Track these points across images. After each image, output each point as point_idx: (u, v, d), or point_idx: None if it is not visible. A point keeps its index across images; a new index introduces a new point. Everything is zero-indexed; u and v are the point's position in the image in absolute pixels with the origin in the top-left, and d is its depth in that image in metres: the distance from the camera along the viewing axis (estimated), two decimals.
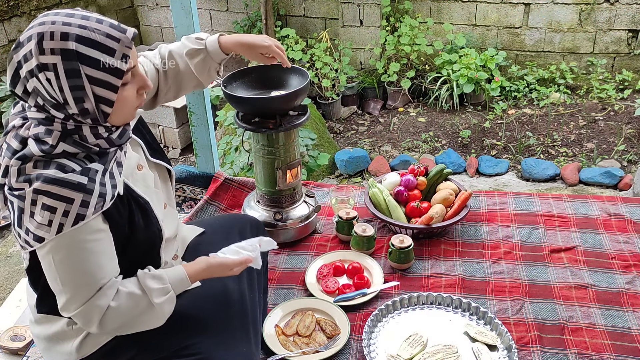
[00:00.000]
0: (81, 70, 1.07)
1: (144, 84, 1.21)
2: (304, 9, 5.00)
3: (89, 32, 1.08)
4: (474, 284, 1.90)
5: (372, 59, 4.73)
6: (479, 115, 4.41)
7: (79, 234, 1.13)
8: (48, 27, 1.06)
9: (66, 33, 1.06)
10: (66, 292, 1.17)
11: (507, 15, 4.51)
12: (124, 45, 1.11)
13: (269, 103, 1.94)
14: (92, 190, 1.12)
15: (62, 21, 1.07)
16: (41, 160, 1.12)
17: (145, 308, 1.24)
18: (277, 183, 2.06)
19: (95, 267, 1.17)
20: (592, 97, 4.39)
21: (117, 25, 1.12)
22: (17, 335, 1.84)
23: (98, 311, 1.18)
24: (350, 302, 1.82)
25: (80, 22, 1.08)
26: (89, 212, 1.12)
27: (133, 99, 1.20)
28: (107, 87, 1.10)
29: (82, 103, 1.10)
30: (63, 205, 1.09)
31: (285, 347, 1.65)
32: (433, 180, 2.25)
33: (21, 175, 1.11)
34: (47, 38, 1.06)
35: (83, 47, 1.06)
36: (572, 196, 2.38)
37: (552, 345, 1.65)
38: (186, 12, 2.15)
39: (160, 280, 1.27)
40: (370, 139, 4.28)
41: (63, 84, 1.07)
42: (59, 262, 1.15)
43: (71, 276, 1.16)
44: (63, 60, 1.06)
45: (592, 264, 1.96)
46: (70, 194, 1.10)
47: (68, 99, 1.09)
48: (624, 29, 4.32)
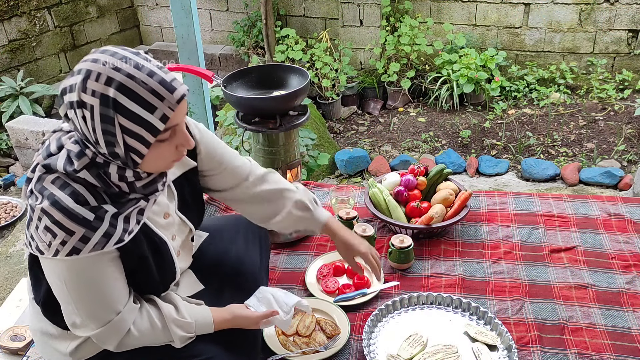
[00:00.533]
0: (115, 119, 1.04)
1: (184, 142, 1.16)
2: (304, 9, 5.00)
3: (135, 83, 1.04)
4: (474, 284, 1.90)
5: (372, 59, 4.73)
6: (479, 115, 4.41)
7: (85, 261, 1.13)
8: (97, 67, 1.04)
9: (111, 79, 1.04)
10: (80, 315, 1.19)
11: (507, 15, 4.51)
12: (167, 105, 1.07)
13: (269, 103, 1.94)
14: (96, 228, 1.10)
15: (114, 65, 1.05)
16: (61, 179, 1.11)
17: (164, 342, 1.29)
18: None
19: (109, 292, 1.18)
20: (592, 97, 4.39)
21: (168, 82, 1.08)
22: (17, 335, 1.84)
23: (118, 334, 1.21)
24: (350, 302, 1.82)
25: (130, 70, 1.05)
26: (86, 248, 1.10)
27: (169, 154, 1.16)
28: (139, 140, 1.07)
29: (113, 147, 1.08)
30: (63, 234, 1.09)
31: (285, 347, 1.65)
32: (433, 180, 2.25)
33: (39, 183, 1.11)
34: (92, 78, 1.04)
35: (122, 97, 1.04)
36: (572, 196, 2.38)
37: (552, 345, 1.65)
38: (186, 12, 2.15)
39: (187, 329, 1.29)
40: (370, 139, 4.28)
41: (96, 126, 1.05)
42: (69, 285, 1.16)
43: (84, 300, 1.17)
44: (100, 104, 1.04)
45: (592, 264, 1.96)
46: (72, 227, 1.08)
47: (99, 140, 1.07)
48: (624, 29, 4.32)
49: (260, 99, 1.96)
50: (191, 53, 2.25)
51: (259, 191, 1.51)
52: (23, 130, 3.81)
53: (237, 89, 2.03)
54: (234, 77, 2.04)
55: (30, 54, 4.67)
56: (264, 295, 1.49)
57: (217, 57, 5.31)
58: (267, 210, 1.53)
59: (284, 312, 1.46)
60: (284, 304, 1.48)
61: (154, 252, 1.26)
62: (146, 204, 1.20)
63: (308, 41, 4.76)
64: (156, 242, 1.27)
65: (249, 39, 5.03)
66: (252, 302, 1.46)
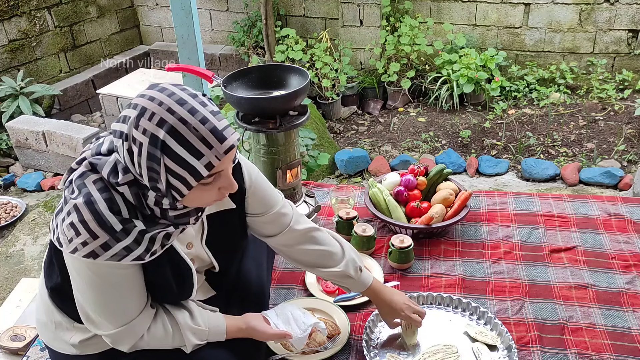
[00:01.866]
0: (161, 159, 1.05)
1: (228, 186, 1.17)
2: (304, 9, 5.00)
3: (186, 128, 1.04)
4: (474, 284, 1.90)
5: (372, 59, 4.73)
6: (479, 115, 4.41)
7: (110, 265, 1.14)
8: (153, 106, 1.05)
9: (164, 120, 1.04)
10: (97, 314, 1.20)
11: (507, 15, 4.51)
12: (214, 154, 1.07)
13: (269, 103, 1.94)
14: (120, 239, 1.10)
15: (169, 106, 1.05)
16: (103, 182, 1.11)
17: (176, 346, 1.30)
18: (277, 183, 2.06)
19: (129, 295, 1.20)
20: (592, 97, 4.39)
21: (219, 130, 1.07)
22: (17, 335, 1.84)
23: (133, 337, 1.22)
24: (350, 302, 1.81)
25: (184, 113, 1.05)
26: (104, 255, 1.11)
27: (210, 195, 1.16)
28: (181, 182, 1.08)
29: (155, 183, 1.08)
30: (87, 235, 1.09)
31: (285, 347, 1.65)
32: (433, 180, 2.25)
33: (81, 179, 1.12)
34: (146, 116, 1.04)
35: (171, 141, 1.04)
36: (572, 196, 2.38)
37: (552, 345, 1.65)
38: (186, 12, 2.15)
39: (201, 336, 1.31)
40: (370, 139, 4.28)
41: (142, 162, 1.06)
42: (91, 284, 1.17)
43: (104, 300, 1.18)
44: (149, 143, 1.04)
45: (592, 264, 1.96)
46: (98, 231, 1.09)
47: (143, 175, 1.08)
48: (624, 29, 4.31)
49: (260, 99, 1.96)
50: (191, 53, 2.24)
51: (304, 248, 1.51)
52: (23, 130, 3.81)
53: (237, 89, 2.03)
54: (234, 77, 2.04)
55: (30, 54, 4.67)
56: (283, 312, 1.51)
57: (217, 57, 5.31)
58: (313, 261, 1.54)
59: (300, 330, 1.48)
60: (302, 323, 1.50)
61: (176, 275, 1.27)
62: (174, 231, 1.20)
63: (308, 41, 4.76)
64: (181, 267, 1.27)
65: (249, 39, 5.03)
66: (270, 315, 1.47)
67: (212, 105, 1.11)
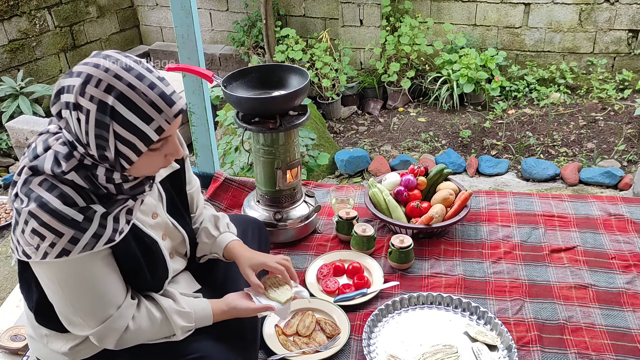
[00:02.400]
0: (110, 125, 1.05)
1: (174, 152, 1.18)
2: (304, 9, 5.00)
3: (135, 93, 1.05)
4: (474, 284, 1.90)
5: (372, 59, 4.73)
6: (479, 115, 4.41)
7: (79, 261, 1.13)
8: (99, 73, 1.05)
9: (111, 87, 1.04)
10: (77, 315, 1.18)
11: (507, 15, 4.51)
12: (164, 118, 1.08)
13: (269, 103, 1.94)
14: (85, 229, 1.10)
15: (115, 72, 1.05)
16: (48, 181, 1.10)
17: (163, 335, 1.29)
18: (277, 183, 2.06)
19: (105, 289, 1.18)
20: (592, 97, 4.39)
21: (168, 95, 1.09)
22: (17, 335, 1.84)
23: (117, 331, 1.21)
24: (350, 302, 1.81)
25: (131, 79, 1.06)
26: (76, 249, 1.10)
27: (157, 162, 1.17)
28: (131, 148, 1.08)
29: (103, 151, 1.08)
30: (52, 236, 1.08)
31: (285, 347, 1.65)
32: (433, 180, 2.25)
33: (25, 186, 1.10)
34: (92, 83, 1.04)
35: (121, 106, 1.05)
36: (572, 196, 2.38)
37: (552, 345, 1.65)
38: (186, 12, 2.15)
39: (188, 318, 1.30)
40: (370, 139, 4.28)
41: (90, 130, 1.06)
42: (65, 286, 1.15)
43: (81, 300, 1.17)
44: (97, 110, 1.04)
45: (592, 264, 1.96)
46: (62, 229, 1.08)
47: (90, 144, 1.07)
48: (624, 29, 4.32)
49: (260, 99, 1.96)
50: (191, 53, 2.24)
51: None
52: (23, 130, 3.80)
53: (237, 89, 2.03)
54: (234, 77, 2.04)
55: (30, 54, 4.67)
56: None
57: (217, 57, 5.31)
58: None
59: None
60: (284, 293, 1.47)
61: (144, 252, 1.26)
62: (134, 204, 1.20)
63: (308, 41, 4.76)
64: (146, 242, 1.27)
65: (249, 39, 5.03)
66: (252, 290, 1.45)
67: (157, 71, 1.12)
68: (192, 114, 2.40)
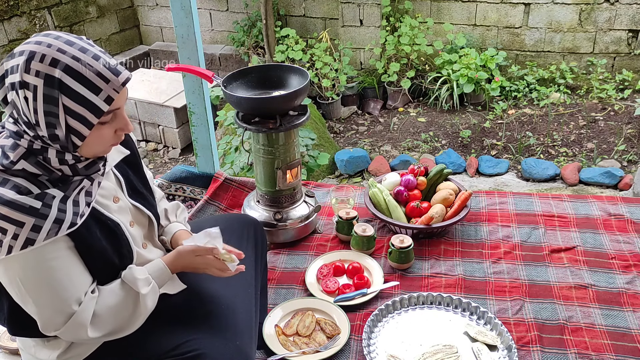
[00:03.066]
0: (59, 99, 1.05)
1: (124, 126, 1.19)
2: (304, 9, 5.00)
3: (80, 65, 1.06)
4: (474, 284, 1.90)
5: (372, 59, 4.73)
6: (479, 115, 4.41)
7: (38, 254, 1.11)
8: (42, 49, 1.05)
9: (56, 60, 1.05)
10: (43, 313, 1.16)
11: (507, 15, 4.51)
12: (111, 88, 1.09)
13: (269, 103, 1.94)
14: (45, 215, 1.09)
15: (58, 47, 1.06)
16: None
17: (132, 303, 1.25)
18: (277, 183, 2.06)
19: (67, 282, 1.16)
20: (592, 97, 4.39)
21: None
22: None
23: (83, 324, 1.18)
24: (350, 302, 1.82)
25: (75, 52, 1.07)
26: (40, 237, 1.09)
27: (108, 137, 1.18)
28: (81, 122, 1.09)
29: (54, 129, 1.08)
30: (13, 228, 1.07)
31: (285, 347, 1.65)
32: (433, 180, 2.25)
33: None
34: (36, 59, 1.05)
35: (68, 78, 1.05)
36: (572, 196, 2.38)
37: (552, 345, 1.65)
38: (186, 12, 2.15)
39: (142, 272, 1.28)
40: (370, 139, 4.29)
41: (38, 107, 1.06)
42: (25, 282, 1.13)
43: (43, 295, 1.15)
44: (45, 85, 1.05)
45: (592, 264, 1.96)
46: (21, 218, 1.07)
47: (40, 122, 1.07)
48: (624, 29, 4.32)
49: (260, 99, 1.96)
50: (191, 53, 2.24)
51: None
52: None
53: (237, 89, 2.03)
54: (234, 77, 2.04)
55: None
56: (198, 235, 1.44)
57: (217, 57, 5.31)
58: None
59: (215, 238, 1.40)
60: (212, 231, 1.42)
61: (107, 235, 1.25)
62: (90, 184, 1.20)
63: (308, 41, 4.76)
64: (109, 226, 1.25)
65: (249, 39, 5.03)
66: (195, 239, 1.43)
67: (98, 47, 1.13)
68: (192, 114, 2.40)
